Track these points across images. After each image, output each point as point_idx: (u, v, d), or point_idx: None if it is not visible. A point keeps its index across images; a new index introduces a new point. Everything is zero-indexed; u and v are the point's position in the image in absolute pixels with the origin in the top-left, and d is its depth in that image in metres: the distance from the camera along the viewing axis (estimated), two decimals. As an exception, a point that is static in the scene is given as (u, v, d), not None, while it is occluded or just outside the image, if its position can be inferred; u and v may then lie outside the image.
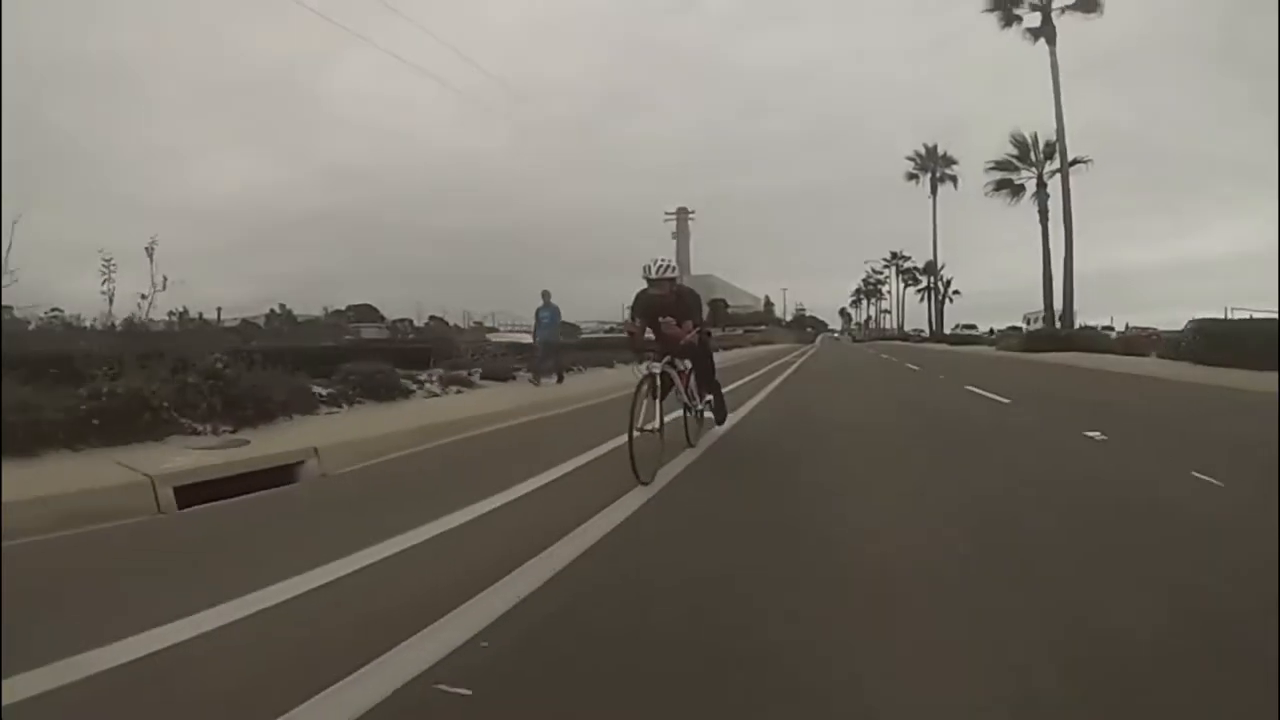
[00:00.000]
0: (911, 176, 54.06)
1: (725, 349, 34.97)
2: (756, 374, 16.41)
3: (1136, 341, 24.87)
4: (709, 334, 5.83)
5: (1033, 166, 33.42)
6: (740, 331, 58.00)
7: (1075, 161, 31.50)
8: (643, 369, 4.65)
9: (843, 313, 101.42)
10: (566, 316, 16.91)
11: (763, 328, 69.16)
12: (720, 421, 6.36)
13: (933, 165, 53.32)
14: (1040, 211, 32.39)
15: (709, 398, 5.90)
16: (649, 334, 5.25)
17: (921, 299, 68.27)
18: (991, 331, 55.11)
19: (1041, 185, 32.90)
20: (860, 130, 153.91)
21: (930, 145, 54.13)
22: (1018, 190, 34.25)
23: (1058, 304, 31.94)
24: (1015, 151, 34.09)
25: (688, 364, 5.47)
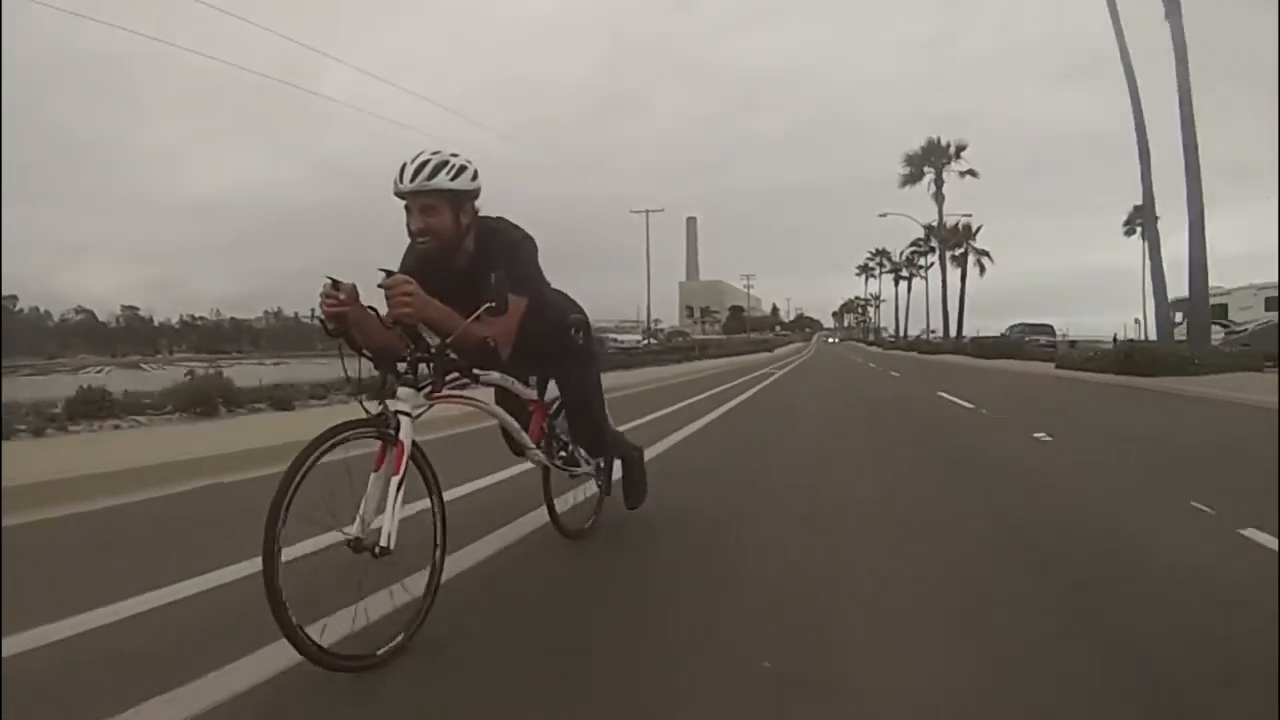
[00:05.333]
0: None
1: (778, 346, 49.45)
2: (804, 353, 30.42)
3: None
4: (585, 329, 2.56)
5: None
6: (771, 335, 74.84)
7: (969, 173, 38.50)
8: (372, 407, 1.83)
9: (835, 315, 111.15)
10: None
11: (787, 333, 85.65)
12: (634, 503, 2.90)
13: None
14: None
15: (597, 461, 2.82)
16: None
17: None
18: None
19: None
20: (855, 130, 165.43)
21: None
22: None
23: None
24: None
25: (537, 389, 2.56)
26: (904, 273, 60.51)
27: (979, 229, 43.31)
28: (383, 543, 1.67)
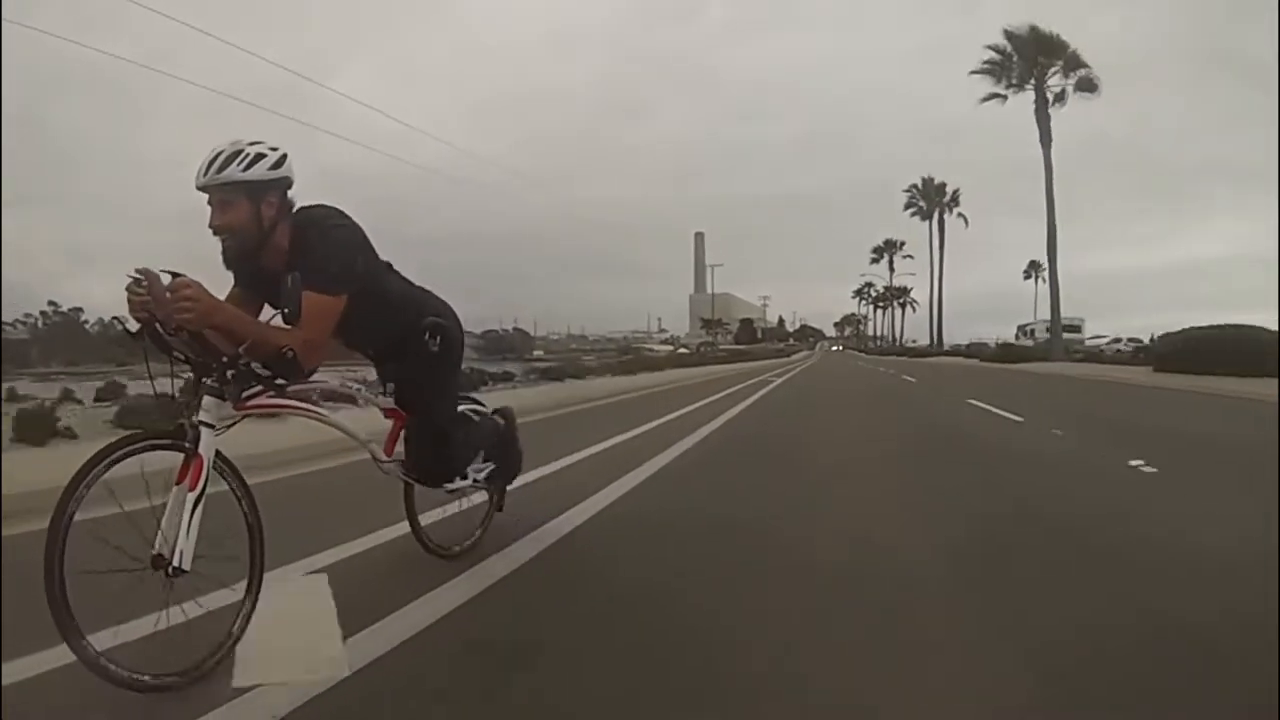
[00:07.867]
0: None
1: (793, 353, 69.61)
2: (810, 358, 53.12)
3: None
4: (443, 333, 2.35)
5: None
6: (781, 346, 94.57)
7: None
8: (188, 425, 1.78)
9: (837, 326, 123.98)
10: (573, 325, 34.93)
11: (796, 343, 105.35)
12: (506, 479, 2.87)
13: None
14: None
15: (476, 474, 2.65)
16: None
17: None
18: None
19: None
20: (856, 139, 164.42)
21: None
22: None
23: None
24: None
25: (385, 395, 2.39)
26: (880, 303, 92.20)
27: (911, 289, 75.70)
28: (175, 562, 1.60)
